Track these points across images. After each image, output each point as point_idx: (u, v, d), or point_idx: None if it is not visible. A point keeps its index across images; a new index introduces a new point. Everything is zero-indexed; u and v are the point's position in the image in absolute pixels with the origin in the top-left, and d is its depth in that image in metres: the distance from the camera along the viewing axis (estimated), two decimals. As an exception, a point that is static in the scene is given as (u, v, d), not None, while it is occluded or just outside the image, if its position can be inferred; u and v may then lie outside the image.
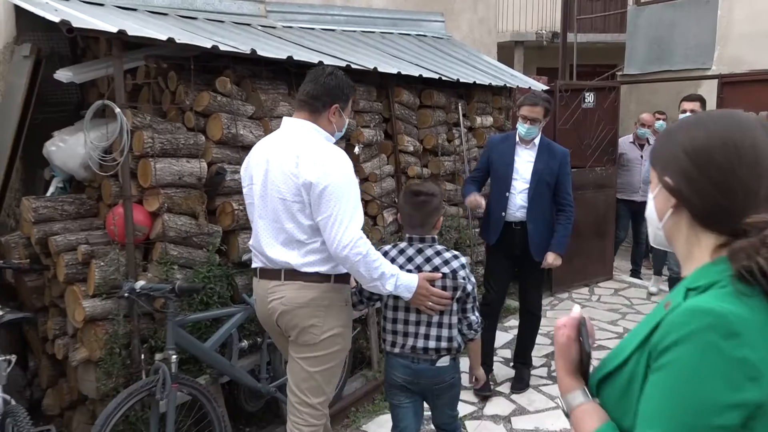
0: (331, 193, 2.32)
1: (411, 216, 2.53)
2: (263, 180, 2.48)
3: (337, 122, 2.55)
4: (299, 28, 5.59)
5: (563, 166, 4.03)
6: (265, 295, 2.54)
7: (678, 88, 8.82)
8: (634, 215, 6.93)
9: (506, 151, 4.03)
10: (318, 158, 2.36)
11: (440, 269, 2.50)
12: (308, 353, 2.49)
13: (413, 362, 2.53)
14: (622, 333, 5.34)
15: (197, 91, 3.45)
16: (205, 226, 3.33)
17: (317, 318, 2.46)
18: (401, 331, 2.54)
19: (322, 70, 2.55)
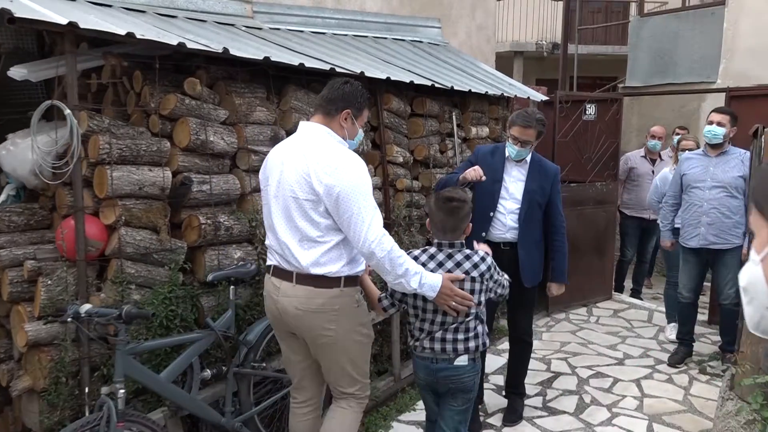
0: (348, 194, 2.37)
1: (444, 221, 2.60)
2: (278, 180, 2.53)
3: (348, 129, 2.60)
4: (287, 30, 5.31)
5: (555, 184, 3.71)
6: (275, 293, 2.57)
7: (681, 101, 8.59)
8: (642, 233, 6.64)
9: (495, 166, 3.68)
10: (331, 160, 2.42)
11: (470, 273, 2.58)
12: (331, 355, 2.58)
13: (432, 362, 2.64)
14: (622, 359, 5.03)
15: (164, 93, 3.15)
16: (168, 241, 3.02)
17: (331, 323, 2.51)
18: (424, 333, 2.64)
19: (339, 79, 2.65)
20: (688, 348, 4.93)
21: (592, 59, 13.22)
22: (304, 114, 3.68)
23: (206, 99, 3.27)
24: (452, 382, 2.65)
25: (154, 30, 3.23)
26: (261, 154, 3.42)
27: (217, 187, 3.20)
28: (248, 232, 3.35)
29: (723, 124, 4.49)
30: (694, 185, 4.63)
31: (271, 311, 2.66)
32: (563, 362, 4.95)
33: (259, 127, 3.47)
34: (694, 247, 4.64)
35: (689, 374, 4.72)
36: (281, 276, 2.56)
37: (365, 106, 2.68)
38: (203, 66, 3.39)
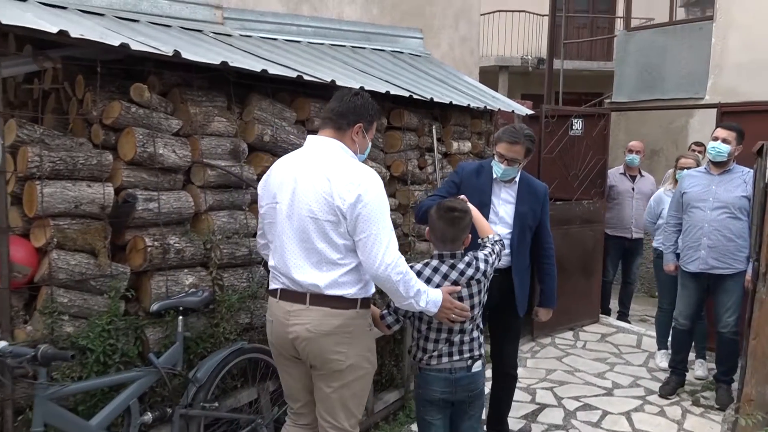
0: (369, 213, 2.29)
1: (444, 231, 2.58)
2: (290, 199, 2.39)
3: (360, 143, 2.51)
4: (259, 38, 5.02)
5: (545, 205, 3.44)
6: (285, 318, 2.42)
7: (669, 117, 8.40)
8: (624, 253, 6.40)
9: (482, 187, 3.38)
10: (353, 177, 2.32)
11: (474, 277, 2.61)
12: (334, 382, 2.43)
13: (451, 373, 2.63)
14: (611, 388, 4.73)
15: (109, 100, 2.83)
16: (108, 266, 2.68)
17: (343, 345, 2.40)
18: (441, 346, 2.62)
19: (348, 90, 2.54)
20: (680, 377, 4.65)
21: (577, 75, 13.07)
22: (269, 125, 3.38)
23: (157, 107, 2.95)
24: (471, 390, 2.68)
25: (98, 31, 2.91)
26: (218, 169, 3.11)
27: (166, 205, 2.88)
28: (202, 255, 3.02)
29: (729, 141, 4.23)
30: (695, 205, 4.36)
31: (280, 336, 2.48)
32: (549, 392, 4.64)
33: (217, 139, 3.16)
34: (693, 272, 4.36)
35: (682, 406, 4.43)
36: (292, 299, 2.41)
37: (376, 118, 2.59)
38: (155, 71, 3.08)
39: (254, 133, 3.29)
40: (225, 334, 2.99)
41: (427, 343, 2.65)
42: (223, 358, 2.89)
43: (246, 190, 3.25)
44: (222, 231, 3.10)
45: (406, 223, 4.35)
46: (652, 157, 8.63)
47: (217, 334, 2.97)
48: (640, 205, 6.22)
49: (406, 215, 4.36)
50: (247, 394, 3.14)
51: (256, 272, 3.21)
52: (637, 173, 6.29)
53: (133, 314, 2.82)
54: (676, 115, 8.26)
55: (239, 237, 3.15)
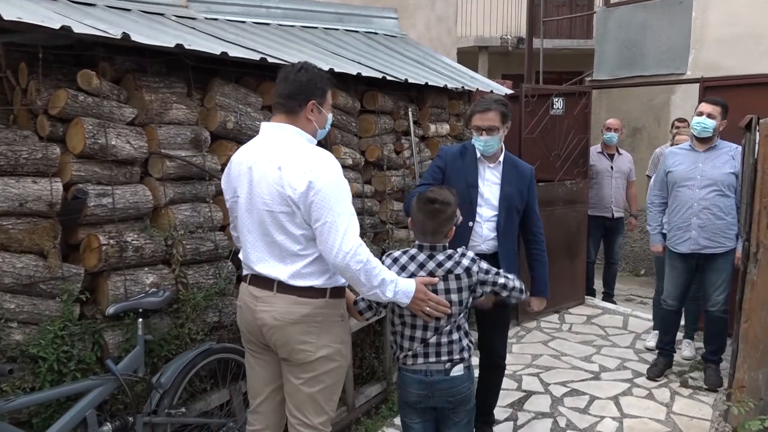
0: (322, 200, 2.16)
1: (424, 223, 2.45)
2: (248, 192, 2.30)
3: (317, 120, 2.36)
4: (225, 21, 4.80)
5: (531, 188, 3.28)
6: (253, 303, 2.34)
7: (650, 94, 8.28)
8: (606, 233, 6.30)
9: (467, 169, 3.24)
10: (303, 164, 2.19)
11: (453, 271, 2.44)
12: (303, 373, 2.33)
13: (426, 375, 2.47)
14: (598, 372, 4.63)
15: (55, 89, 2.63)
16: (59, 267, 2.50)
17: (310, 335, 2.29)
18: (416, 342, 2.47)
19: (291, 67, 2.34)
20: (668, 359, 4.56)
21: (557, 54, 12.91)
22: (232, 111, 3.18)
23: (108, 95, 2.75)
24: (451, 395, 2.50)
25: (41, 14, 2.69)
26: (178, 159, 2.92)
27: (121, 200, 2.69)
28: (164, 251, 2.84)
29: (713, 116, 4.09)
30: (682, 184, 4.22)
31: (248, 322, 2.40)
32: (535, 378, 4.53)
33: (176, 127, 2.97)
34: (683, 253, 4.25)
35: (670, 388, 4.34)
36: (260, 284, 2.33)
37: (329, 88, 2.40)
38: (107, 57, 2.87)
39: (216, 120, 3.10)
40: (191, 335, 2.82)
41: (403, 340, 2.52)
42: (189, 360, 2.73)
43: (210, 181, 3.07)
44: (185, 225, 2.92)
45: (383, 210, 4.19)
46: (634, 134, 8.52)
47: (183, 335, 2.80)
48: (619, 183, 6.12)
49: (383, 202, 4.20)
50: (218, 397, 2.98)
51: (223, 268, 3.04)
52: (615, 151, 6.17)
53: (90, 318, 2.64)
54: (657, 92, 8.14)
55: (203, 231, 2.97)
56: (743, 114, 3.77)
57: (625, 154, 6.31)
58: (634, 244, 8.54)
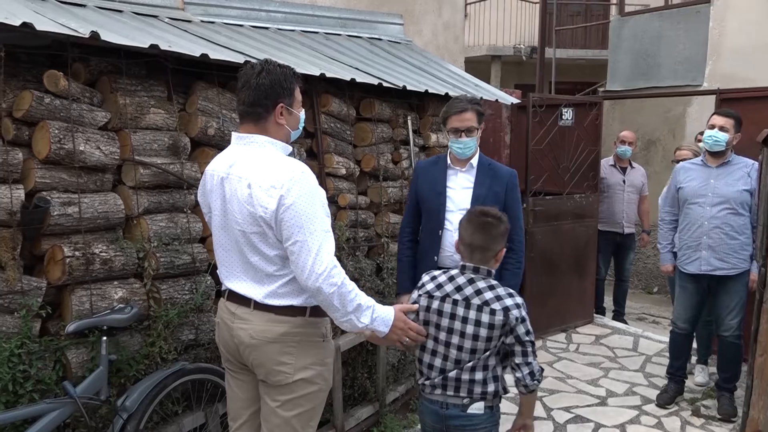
0: (292, 217, 2.00)
1: (472, 237, 2.26)
2: (221, 209, 2.17)
3: (288, 122, 2.19)
4: (222, 24, 4.66)
5: (511, 190, 3.08)
6: (230, 319, 2.21)
7: (666, 106, 8.03)
8: (617, 249, 6.06)
9: (436, 177, 3.10)
10: (273, 180, 2.03)
11: (491, 305, 2.22)
12: (280, 396, 2.18)
13: (442, 408, 2.29)
14: (605, 397, 4.39)
15: (21, 90, 2.47)
16: (17, 281, 2.33)
17: (288, 356, 2.15)
18: (435, 371, 2.29)
19: (251, 70, 2.14)
20: (679, 385, 4.31)
21: (571, 64, 12.70)
22: (214, 117, 3.02)
23: (79, 98, 2.59)
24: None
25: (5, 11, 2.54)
26: (153, 167, 2.75)
27: (89, 209, 2.52)
28: (136, 264, 2.67)
29: (726, 129, 3.86)
30: (693, 201, 4.00)
31: (225, 340, 2.28)
32: (538, 402, 4.29)
33: (153, 133, 2.80)
34: (693, 273, 4.01)
35: (681, 416, 4.10)
36: (237, 301, 2.20)
37: (295, 85, 2.21)
38: (82, 58, 2.72)
39: (197, 126, 2.94)
40: (162, 354, 2.64)
41: (422, 366, 2.34)
42: (158, 381, 2.55)
43: (189, 190, 2.90)
44: (159, 237, 2.74)
45: (378, 222, 4.00)
46: (648, 147, 8.27)
47: (153, 355, 2.62)
48: (632, 198, 5.89)
49: (379, 214, 4.01)
50: (191, 420, 2.79)
51: (201, 282, 2.86)
52: (627, 165, 5.94)
53: (54, 335, 2.46)
54: (673, 104, 7.89)
55: (180, 243, 2.80)
56: (761, 128, 3.54)
57: (638, 167, 6.08)
58: (647, 260, 8.27)
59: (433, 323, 2.28)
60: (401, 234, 3.23)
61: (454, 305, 2.26)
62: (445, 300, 2.27)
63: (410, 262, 3.13)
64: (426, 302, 2.30)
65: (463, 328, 2.24)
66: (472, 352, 2.24)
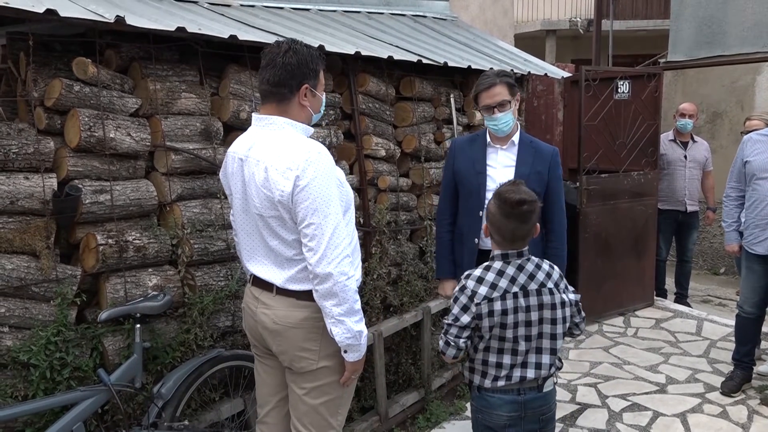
0: (307, 198, 1.94)
1: (515, 230, 2.14)
2: (242, 192, 2.13)
3: (311, 104, 2.14)
4: (263, 7, 4.61)
5: (554, 169, 2.94)
6: (254, 304, 2.19)
7: (732, 76, 7.54)
8: (678, 228, 5.73)
9: (475, 155, 2.95)
10: (289, 161, 1.97)
11: (546, 285, 2.19)
12: (306, 383, 2.15)
13: (519, 394, 2.23)
14: (665, 384, 4.16)
15: (53, 79, 2.47)
16: (52, 269, 2.34)
17: (312, 342, 2.11)
18: (508, 362, 2.20)
19: (277, 49, 2.07)
20: (746, 372, 4.04)
21: (632, 36, 12.17)
22: (247, 100, 2.96)
23: (109, 84, 2.57)
24: (543, 413, 2.28)
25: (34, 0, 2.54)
26: (184, 152, 2.72)
27: (121, 197, 2.51)
28: (170, 252, 2.65)
29: None
30: (761, 176, 3.70)
31: (250, 326, 2.27)
32: (592, 389, 4.12)
33: (184, 118, 2.77)
34: (761, 254, 3.73)
35: (748, 405, 3.84)
36: (261, 285, 2.18)
37: (320, 67, 2.15)
38: (113, 44, 2.70)
39: (229, 110, 2.89)
40: (198, 341, 2.63)
41: (487, 367, 2.22)
42: (194, 368, 2.54)
43: (222, 176, 2.86)
44: (193, 223, 2.72)
45: (420, 205, 3.88)
46: (714, 120, 7.80)
47: (189, 342, 2.61)
48: (694, 174, 5.55)
49: (421, 196, 3.89)
50: (229, 407, 2.78)
51: (236, 269, 2.83)
52: (689, 139, 5.59)
53: (90, 322, 2.48)
54: (740, 73, 7.39)
55: (214, 229, 2.77)
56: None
57: (701, 141, 5.73)
58: (712, 240, 7.84)
59: (510, 324, 2.14)
60: (439, 215, 3.11)
61: (538, 296, 2.17)
62: (519, 295, 2.15)
63: (449, 245, 3.01)
64: (489, 307, 2.13)
65: (554, 315, 2.18)
66: (560, 337, 2.22)
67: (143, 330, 2.43)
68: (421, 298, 3.74)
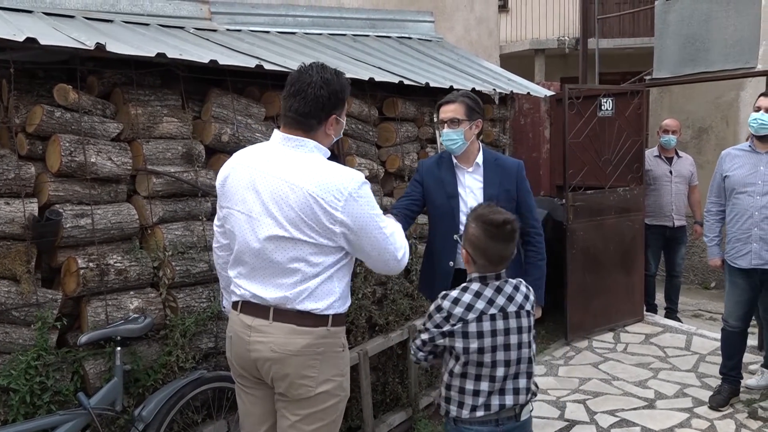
0: (366, 220, 2.01)
1: (502, 251, 2.13)
2: (251, 208, 2.06)
3: (335, 130, 2.15)
4: (249, 32, 4.68)
5: (521, 182, 2.98)
6: (245, 333, 2.11)
7: (717, 92, 7.63)
8: (667, 243, 5.77)
9: (445, 178, 2.97)
10: (337, 190, 1.98)
11: (524, 307, 2.19)
12: (301, 410, 2.11)
13: (497, 425, 2.18)
14: (653, 399, 4.17)
15: (34, 105, 2.51)
16: (33, 293, 2.36)
17: (312, 369, 2.08)
18: (486, 389, 2.15)
19: (307, 78, 2.04)
20: (733, 386, 4.05)
21: (620, 53, 12.29)
22: (228, 123, 3.00)
23: (90, 110, 2.61)
24: None
25: (15, 29, 2.59)
26: (166, 176, 2.75)
27: (103, 220, 2.54)
28: (152, 274, 2.67)
29: None
30: (741, 190, 3.75)
31: (239, 355, 2.18)
32: (581, 406, 4.13)
33: (166, 142, 2.80)
34: (743, 268, 3.76)
35: (736, 419, 3.85)
36: (254, 312, 2.10)
37: (348, 94, 2.17)
38: (95, 71, 2.75)
39: (211, 133, 2.93)
40: (179, 363, 2.63)
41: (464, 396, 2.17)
42: (176, 390, 2.54)
43: (205, 198, 2.89)
44: (175, 245, 2.74)
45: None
46: (700, 135, 7.89)
47: (170, 364, 2.61)
48: (680, 189, 5.61)
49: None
50: (212, 429, 2.78)
51: (219, 290, 2.84)
52: (673, 155, 5.66)
53: (71, 346, 2.49)
54: (724, 89, 7.49)
55: (196, 251, 2.79)
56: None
57: (686, 156, 5.79)
58: (702, 254, 7.86)
59: (488, 347, 2.11)
60: (394, 207, 3.05)
61: (517, 318, 2.16)
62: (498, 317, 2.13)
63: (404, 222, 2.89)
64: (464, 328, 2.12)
65: (529, 337, 2.20)
66: (528, 362, 2.21)
67: (124, 353, 2.44)
68: (406, 316, 3.76)
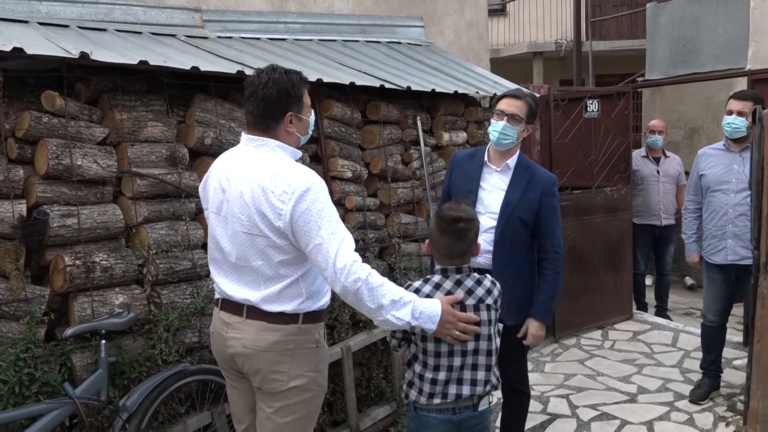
0: (308, 222, 2.02)
1: (450, 247, 2.22)
2: (218, 208, 2.18)
3: (297, 128, 2.20)
4: (239, 39, 4.81)
5: (547, 197, 2.89)
6: (224, 330, 2.23)
7: (708, 93, 7.72)
8: (656, 242, 5.86)
9: (471, 172, 2.97)
10: (286, 186, 2.03)
11: (485, 300, 2.25)
12: (275, 402, 2.20)
13: (455, 413, 2.25)
14: (635, 394, 4.25)
15: (23, 111, 2.64)
16: (21, 289, 2.49)
17: (282, 364, 2.16)
18: (443, 379, 2.23)
19: (257, 79, 2.12)
20: (713, 380, 4.14)
21: (618, 55, 12.37)
22: (212, 127, 3.13)
23: (77, 115, 2.74)
24: None
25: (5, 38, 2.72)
26: (149, 177, 2.88)
27: (89, 220, 2.66)
28: (136, 271, 2.79)
29: (744, 114, 3.69)
30: (716, 188, 3.85)
31: (219, 351, 2.31)
32: (563, 400, 4.22)
33: (150, 145, 2.93)
34: (719, 264, 3.85)
35: (715, 413, 3.93)
36: (230, 309, 2.22)
37: (303, 91, 2.20)
38: (84, 78, 2.88)
39: (195, 136, 3.05)
40: (163, 356, 2.75)
41: (423, 383, 2.26)
42: (159, 382, 2.66)
43: (188, 199, 3.01)
44: (160, 244, 2.86)
45: (390, 223, 4.03)
46: (691, 136, 7.98)
47: (154, 357, 2.74)
48: (668, 188, 5.70)
49: (390, 215, 4.04)
50: (196, 420, 2.89)
51: (202, 287, 2.96)
52: (660, 155, 5.75)
53: (59, 340, 2.61)
54: (715, 90, 7.58)
55: (180, 250, 2.91)
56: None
57: (673, 156, 5.88)
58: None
59: None
60: None
61: (476, 311, 2.22)
62: (436, 299, 2.19)
63: None
64: None
65: (490, 331, 2.25)
66: (487, 354, 2.25)
67: (109, 346, 2.56)
68: (390, 313, 3.85)
